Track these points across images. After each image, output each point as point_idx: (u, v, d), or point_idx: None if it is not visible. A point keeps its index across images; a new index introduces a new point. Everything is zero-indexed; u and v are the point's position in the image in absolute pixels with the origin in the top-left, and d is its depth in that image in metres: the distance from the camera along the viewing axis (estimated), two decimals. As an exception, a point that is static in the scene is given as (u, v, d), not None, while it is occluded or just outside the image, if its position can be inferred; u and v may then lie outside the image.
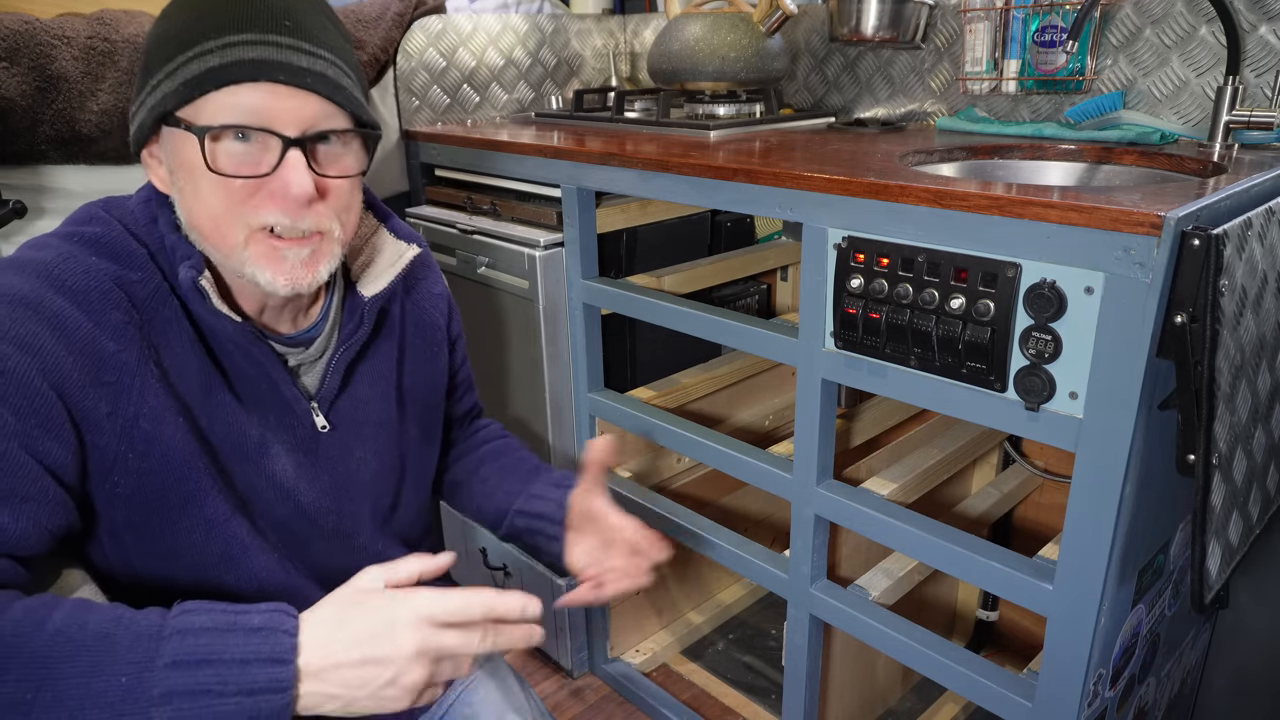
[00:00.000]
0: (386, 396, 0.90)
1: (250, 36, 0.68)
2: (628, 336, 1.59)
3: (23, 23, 1.21)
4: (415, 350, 0.94)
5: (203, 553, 0.77)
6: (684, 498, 1.64)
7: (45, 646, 0.59)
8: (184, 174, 0.71)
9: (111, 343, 0.70)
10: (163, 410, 0.73)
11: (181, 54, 0.69)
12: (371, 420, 0.89)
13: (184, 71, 0.69)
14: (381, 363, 0.90)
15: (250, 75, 0.68)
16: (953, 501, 1.59)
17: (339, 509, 0.86)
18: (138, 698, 0.59)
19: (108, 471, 0.72)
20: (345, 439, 0.86)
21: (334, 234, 0.75)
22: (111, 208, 0.76)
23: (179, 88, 0.68)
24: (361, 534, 0.89)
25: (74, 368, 0.68)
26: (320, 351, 0.83)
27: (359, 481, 0.88)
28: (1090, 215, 0.83)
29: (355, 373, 0.87)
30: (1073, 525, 0.92)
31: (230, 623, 0.62)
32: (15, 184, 1.28)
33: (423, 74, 1.73)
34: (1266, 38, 1.21)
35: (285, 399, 0.80)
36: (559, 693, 1.68)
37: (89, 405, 0.69)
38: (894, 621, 1.15)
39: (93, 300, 0.70)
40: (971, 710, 1.55)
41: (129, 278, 0.72)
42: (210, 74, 0.68)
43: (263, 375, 0.79)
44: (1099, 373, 0.86)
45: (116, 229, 0.74)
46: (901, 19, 1.51)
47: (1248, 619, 1.41)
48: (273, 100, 0.69)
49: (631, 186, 1.31)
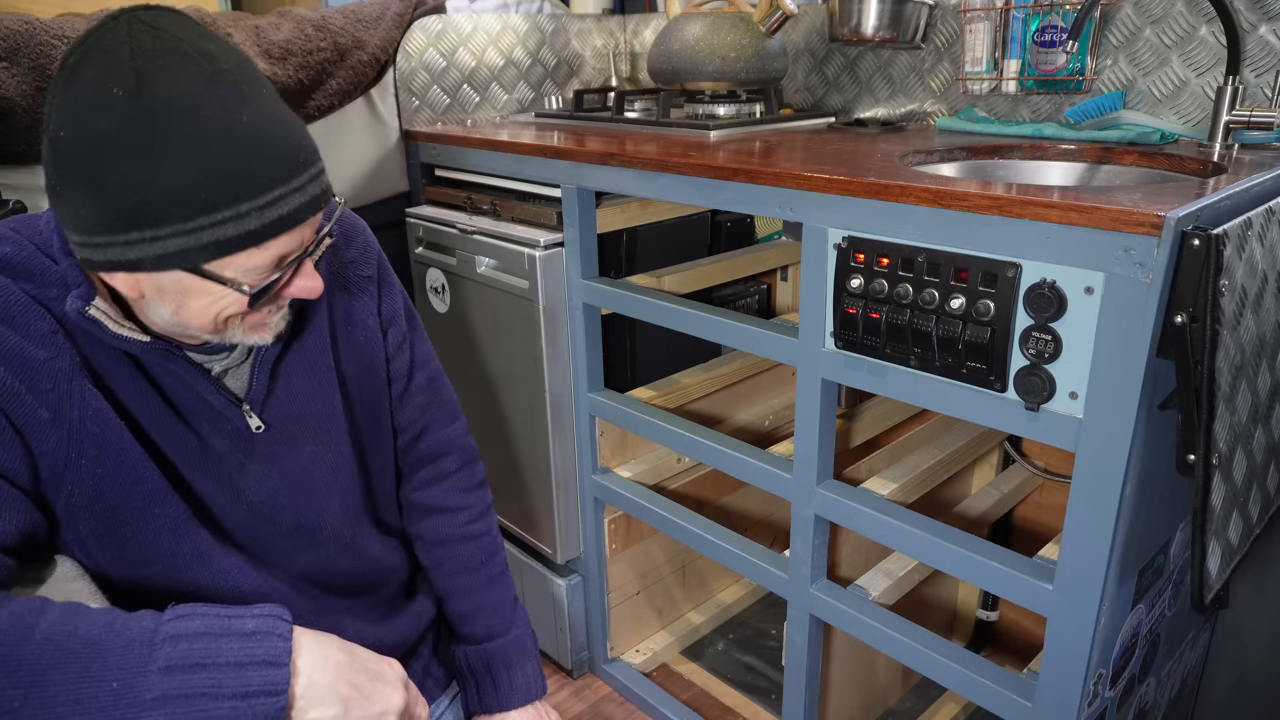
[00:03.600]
0: (327, 387, 0.88)
1: (283, 190, 0.67)
2: (628, 336, 1.59)
3: (23, 23, 1.21)
4: (347, 337, 0.90)
5: (173, 553, 0.77)
6: (684, 498, 1.65)
7: (33, 654, 0.59)
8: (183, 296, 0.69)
9: (42, 351, 0.69)
10: (106, 414, 0.72)
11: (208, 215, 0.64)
12: (314, 413, 0.87)
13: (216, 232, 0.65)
14: (314, 354, 0.87)
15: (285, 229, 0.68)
16: (953, 501, 1.59)
17: (295, 506, 0.85)
18: (130, 702, 0.59)
19: (61, 478, 0.71)
20: (288, 435, 0.84)
21: None
22: (21, 227, 0.74)
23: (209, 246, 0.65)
24: (326, 527, 0.88)
25: (6, 377, 0.67)
26: (244, 354, 0.82)
27: (315, 476, 0.87)
28: (1090, 215, 0.83)
29: (284, 369, 0.84)
30: (1073, 525, 0.92)
31: (224, 627, 0.63)
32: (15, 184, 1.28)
33: (423, 74, 1.73)
34: (1266, 38, 1.21)
35: (213, 406, 0.79)
36: (559, 693, 1.69)
37: (28, 413, 0.68)
38: (894, 621, 1.15)
39: (14, 313, 0.69)
40: (971, 710, 1.55)
41: (46, 295, 0.71)
42: (251, 236, 0.66)
43: (185, 388, 0.77)
44: (1099, 373, 0.86)
45: (27, 248, 0.72)
46: (901, 19, 1.51)
47: (1248, 619, 1.41)
48: (298, 237, 0.70)
49: (631, 186, 1.31)
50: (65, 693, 0.58)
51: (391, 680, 0.69)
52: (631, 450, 1.59)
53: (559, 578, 1.65)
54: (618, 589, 1.65)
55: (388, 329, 0.94)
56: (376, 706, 0.67)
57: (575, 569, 1.66)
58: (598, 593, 1.63)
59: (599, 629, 1.67)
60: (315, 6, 1.74)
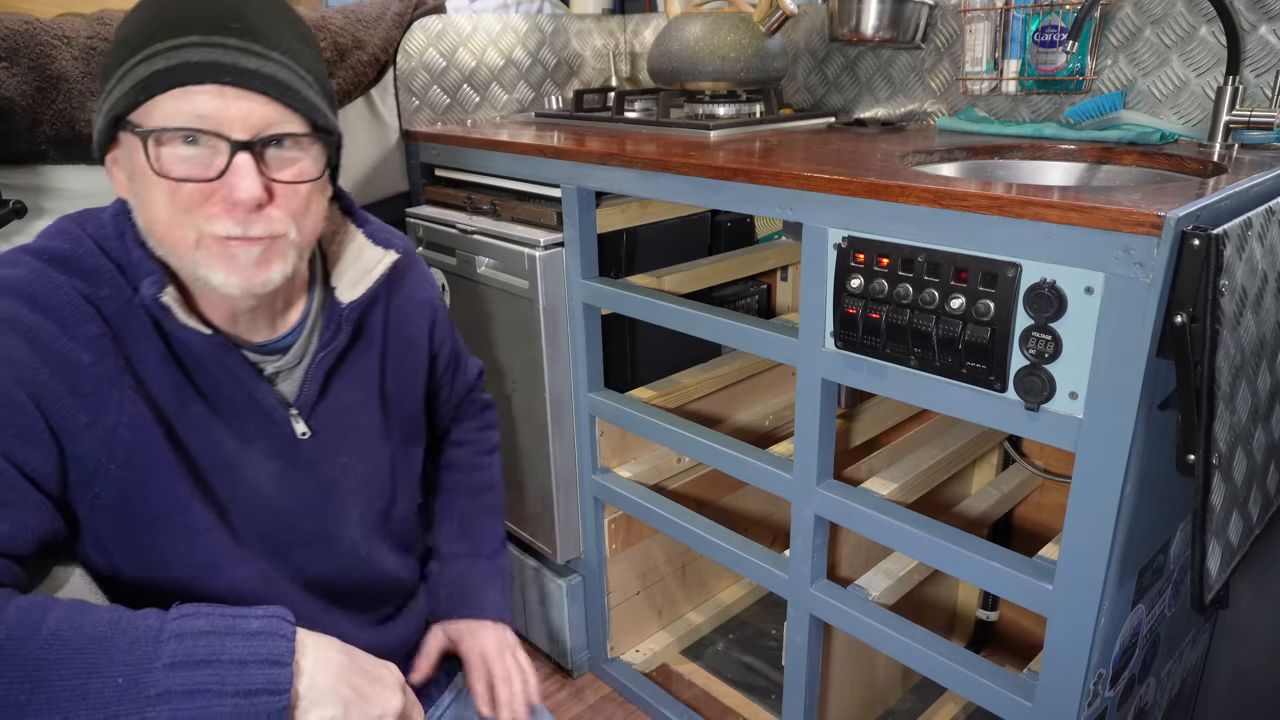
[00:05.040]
0: (369, 403, 0.89)
1: (196, 39, 0.67)
2: (628, 336, 1.59)
3: (23, 23, 1.21)
4: (396, 358, 0.92)
5: (187, 562, 0.77)
6: (684, 498, 1.65)
7: (40, 650, 0.59)
8: (139, 178, 0.70)
9: (86, 354, 0.70)
10: (142, 419, 0.73)
11: (132, 57, 0.68)
12: (355, 426, 0.88)
13: (133, 75, 0.68)
14: (363, 369, 0.89)
15: (196, 78, 0.67)
16: (953, 501, 1.59)
17: (321, 514, 0.86)
18: (134, 698, 0.59)
19: (89, 482, 0.71)
20: (328, 445, 0.85)
21: (289, 237, 0.73)
22: (85, 222, 0.76)
23: (129, 91, 0.68)
24: (345, 538, 0.88)
25: (50, 379, 0.68)
26: (298, 358, 0.82)
27: (344, 487, 0.88)
28: (1090, 215, 0.83)
29: (336, 379, 0.86)
30: (1073, 525, 0.92)
31: (229, 626, 0.63)
32: (15, 184, 1.28)
33: (423, 74, 1.73)
34: (1266, 38, 1.21)
35: (263, 407, 0.80)
36: (559, 693, 1.69)
37: (67, 415, 0.69)
38: (894, 621, 1.15)
39: (65, 315, 0.70)
40: (971, 710, 1.55)
41: (97, 294, 0.72)
42: (156, 77, 0.67)
43: (237, 385, 0.78)
44: (1099, 373, 0.86)
45: (86, 245, 0.73)
46: (901, 19, 1.51)
47: (1248, 619, 1.41)
48: (221, 103, 0.68)
49: (631, 186, 1.31)
50: (71, 688, 0.59)
51: (390, 684, 0.69)
52: (631, 450, 1.59)
53: (559, 578, 1.65)
54: (618, 589, 1.65)
55: (438, 352, 0.99)
56: (375, 709, 0.67)
57: (575, 569, 1.66)
58: (598, 593, 1.63)
59: (599, 629, 1.67)
60: (315, 6, 1.74)
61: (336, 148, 0.78)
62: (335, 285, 0.86)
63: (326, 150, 0.76)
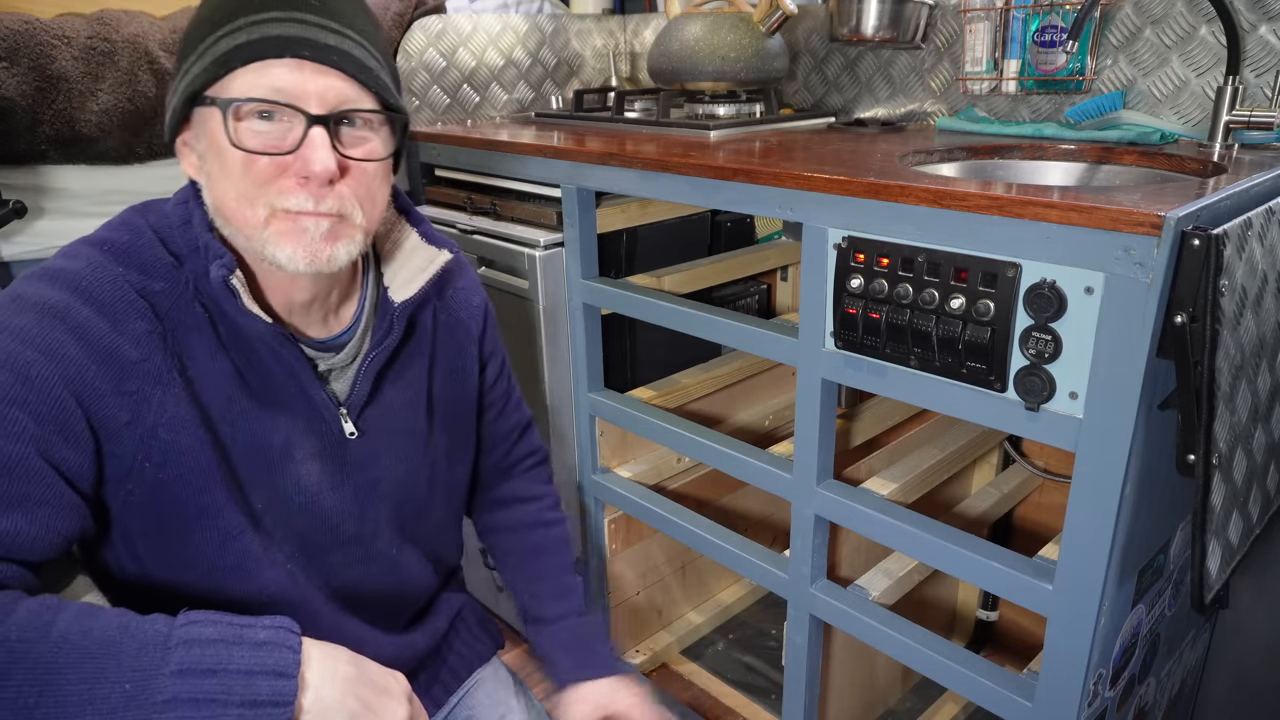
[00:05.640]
0: (416, 406, 0.89)
1: (278, 14, 0.69)
2: (628, 336, 1.59)
3: (23, 23, 1.21)
4: (445, 362, 0.93)
5: (215, 565, 0.77)
6: (684, 498, 1.65)
7: (50, 653, 0.59)
8: (212, 154, 0.71)
9: (135, 351, 0.70)
10: (183, 420, 0.73)
11: (213, 34, 0.69)
12: (401, 429, 0.88)
13: (214, 50, 0.69)
14: (412, 371, 0.89)
15: (276, 51, 0.68)
16: (953, 501, 1.59)
17: (360, 514, 0.86)
18: (141, 704, 0.59)
19: (123, 479, 0.72)
20: (373, 446, 0.85)
21: (355, 219, 0.74)
22: (149, 211, 0.76)
23: (209, 66, 0.69)
24: (380, 539, 0.88)
25: (96, 376, 0.68)
26: (351, 357, 0.83)
27: (382, 490, 0.87)
28: (1090, 215, 0.83)
29: (385, 380, 0.86)
30: (1073, 525, 0.92)
31: (236, 635, 0.63)
32: (15, 184, 1.28)
33: (423, 74, 1.73)
34: (1266, 38, 1.21)
35: (314, 404, 0.80)
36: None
37: (109, 414, 0.69)
38: (894, 621, 1.15)
39: (118, 310, 0.70)
40: (971, 710, 1.55)
41: (153, 288, 0.72)
42: (238, 50, 0.68)
43: (291, 379, 0.78)
44: (1099, 373, 0.86)
45: (146, 236, 0.74)
46: (901, 19, 1.51)
47: (1248, 619, 1.41)
48: (299, 77, 0.69)
49: (631, 186, 1.31)
50: (79, 692, 0.59)
51: (397, 694, 0.69)
52: (631, 450, 1.59)
53: (559, 578, 1.65)
54: (618, 589, 1.65)
55: (488, 361, 0.99)
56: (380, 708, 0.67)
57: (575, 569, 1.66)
58: (598, 593, 1.63)
59: (599, 629, 1.67)
60: (315, 6, 1.74)
61: (404, 132, 0.78)
62: (388, 284, 0.86)
63: (394, 134, 0.77)
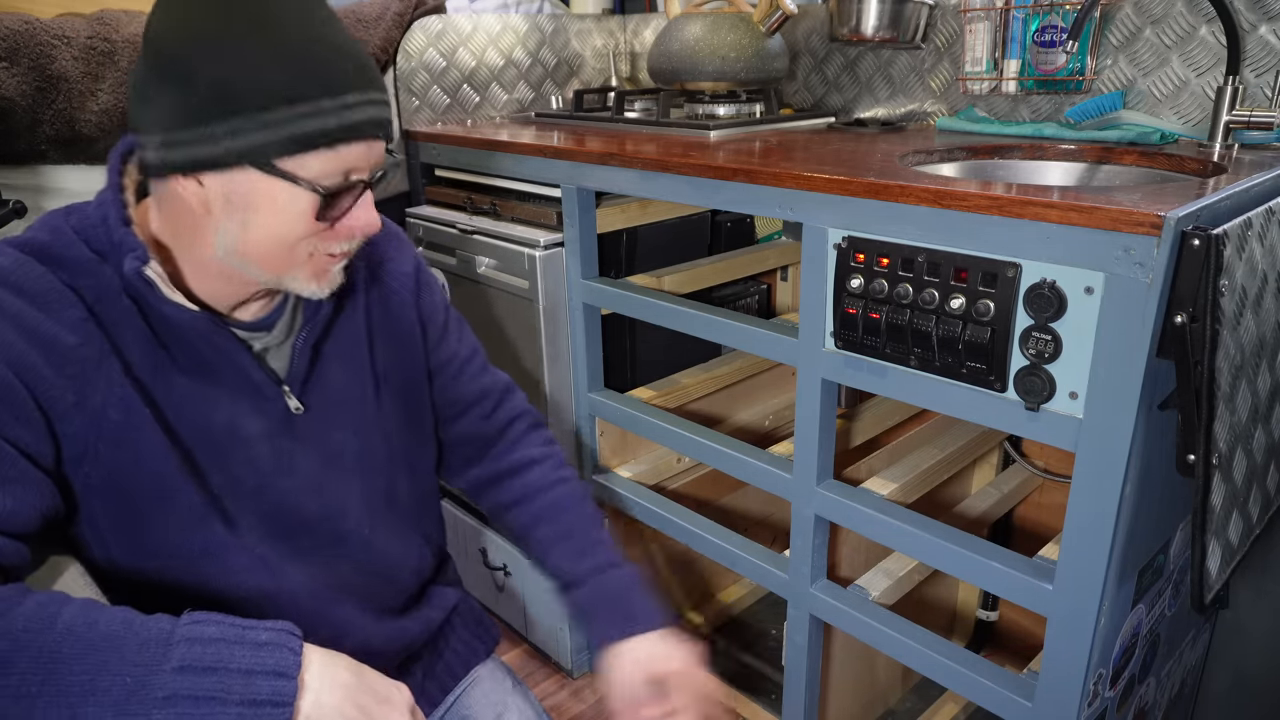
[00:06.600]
0: (360, 377, 0.90)
1: (357, 97, 0.72)
2: (628, 336, 1.59)
3: (23, 23, 1.21)
4: (384, 330, 0.93)
5: (179, 550, 0.77)
6: (684, 498, 1.64)
7: (54, 643, 0.60)
8: (250, 211, 0.72)
9: (72, 336, 0.71)
10: (130, 400, 0.74)
11: (289, 107, 0.68)
12: (347, 400, 0.89)
13: (294, 126, 0.69)
14: (350, 343, 0.90)
15: (359, 135, 0.72)
16: (953, 501, 1.59)
17: (322, 494, 0.86)
18: (142, 699, 0.60)
19: (80, 460, 0.73)
20: (322, 421, 0.86)
21: None
22: (71, 213, 0.77)
23: (286, 140, 0.69)
24: (347, 519, 0.88)
25: (36, 359, 0.69)
26: (284, 334, 0.84)
27: (342, 464, 0.88)
28: (1090, 215, 0.83)
29: (324, 354, 0.87)
30: (1073, 525, 0.92)
31: (238, 635, 0.64)
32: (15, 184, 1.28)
33: (423, 74, 1.73)
34: (1266, 38, 1.21)
35: (254, 383, 0.81)
36: (559, 693, 1.68)
37: (55, 395, 0.70)
38: (894, 621, 1.15)
39: (49, 299, 0.71)
40: (971, 710, 1.55)
41: (77, 283, 0.73)
42: (326, 134, 0.70)
43: (228, 362, 0.79)
44: (1099, 373, 0.86)
45: (66, 236, 0.75)
46: (901, 19, 1.51)
47: (1248, 619, 1.41)
48: (365, 152, 0.74)
49: (631, 186, 1.31)
50: (82, 683, 0.60)
51: (399, 704, 0.69)
52: (631, 450, 1.59)
53: (559, 578, 1.64)
54: (618, 589, 1.65)
55: (426, 323, 0.98)
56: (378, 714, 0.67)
57: (575, 569, 1.66)
58: (598, 593, 1.63)
59: (599, 629, 1.67)
60: (315, 6, 1.74)
61: None
62: None
63: None
